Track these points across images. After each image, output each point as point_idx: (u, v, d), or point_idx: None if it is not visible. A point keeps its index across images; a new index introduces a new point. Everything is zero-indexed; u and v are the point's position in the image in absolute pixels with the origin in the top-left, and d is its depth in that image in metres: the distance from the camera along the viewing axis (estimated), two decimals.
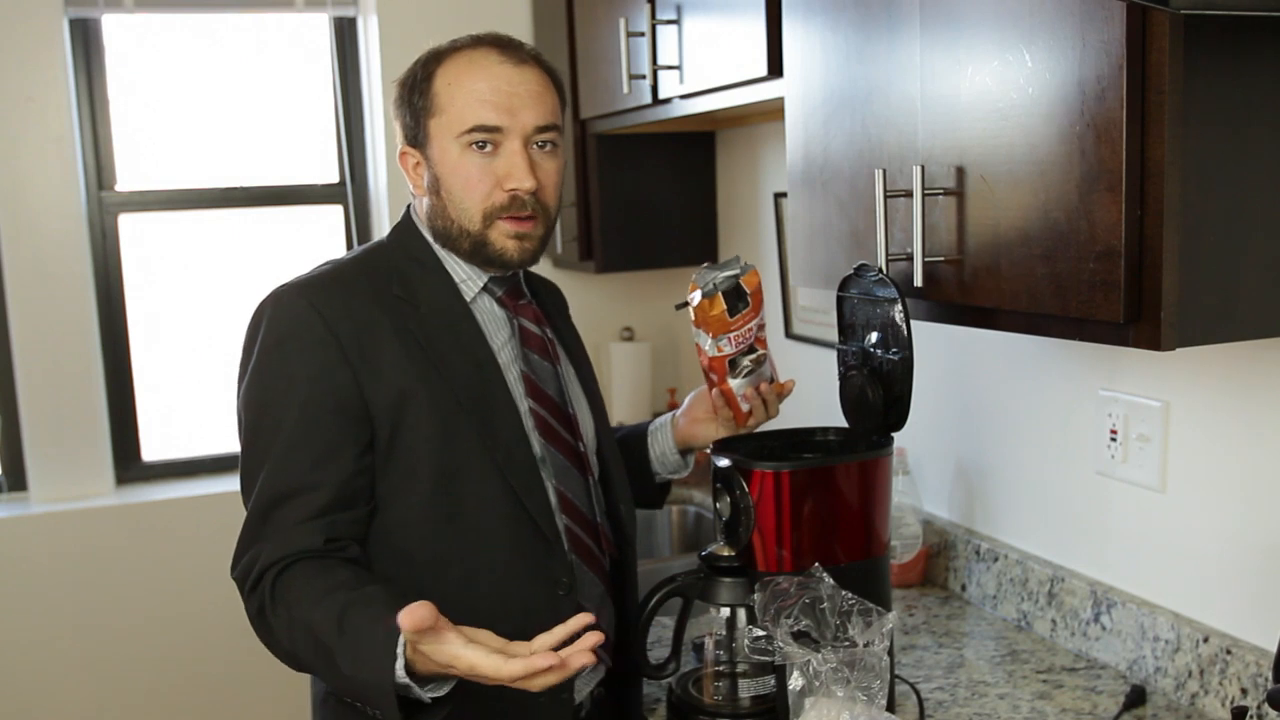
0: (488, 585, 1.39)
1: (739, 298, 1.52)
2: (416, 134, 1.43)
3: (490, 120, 1.38)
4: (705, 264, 1.59)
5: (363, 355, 1.35)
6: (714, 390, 1.60)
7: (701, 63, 1.94)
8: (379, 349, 1.36)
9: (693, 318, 1.56)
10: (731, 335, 1.53)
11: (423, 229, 1.47)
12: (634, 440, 1.71)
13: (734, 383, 1.57)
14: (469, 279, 1.46)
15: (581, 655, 1.11)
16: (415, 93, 1.42)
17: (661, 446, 1.70)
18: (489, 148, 1.39)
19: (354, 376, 1.34)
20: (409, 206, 1.51)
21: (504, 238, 1.41)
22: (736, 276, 1.53)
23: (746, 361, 1.57)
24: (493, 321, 1.46)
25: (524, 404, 1.44)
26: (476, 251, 1.43)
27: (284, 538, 1.30)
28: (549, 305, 1.59)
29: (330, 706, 1.43)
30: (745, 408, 1.60)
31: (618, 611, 1.54)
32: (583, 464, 1.49)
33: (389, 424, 1.35)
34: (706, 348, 1.56)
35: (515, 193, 1.39)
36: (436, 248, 1.46)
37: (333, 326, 1.34)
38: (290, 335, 1.35)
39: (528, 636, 1.36)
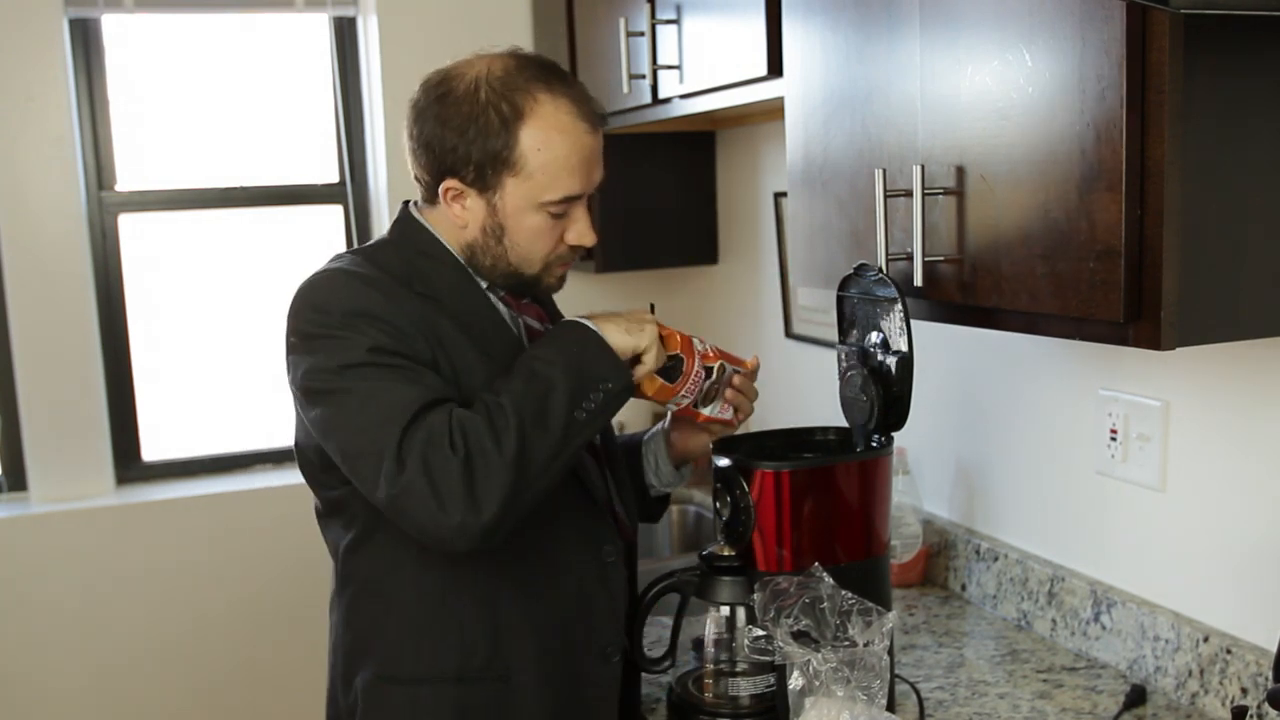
0: (547, 561, 1.43)
1: (669, 367, 1.45)
2: (482, 178, 1.37)
3: (577, 191, 1.40)
4: None
5: (429, 340, 1.35)
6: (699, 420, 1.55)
7: (701, 63, 1.94)
8: (439, 341, 1.36)
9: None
10: (682, 393, 1.48)
11: (434, 231, 1.43)
12: (628, 454, 1.65)
13: (709, 409, 1.52)
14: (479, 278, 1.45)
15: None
16: (492, 137, 1.35)
17: (655, 459, 1.64)
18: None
19: (431, 351, 1.34)
20: (408, 206, 1.47)
21: (551, 277, 1.47)
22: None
23: (709, 389, 1.50)
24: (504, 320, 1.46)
25: None
26: (519, 286, 1.45)
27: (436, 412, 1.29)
28: (545, 300, 1.57)
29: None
30: (729, 415, 1.54)
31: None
32: (595, 450, 1.51)
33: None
34: (669, 409, 1.53)
35: (577, 247, 1.45)
36: (449, 246, 1.43)
37: (398, 306, 1.34)
38: (358, 306, 1.32)
39: (583, 602, 1.45)
